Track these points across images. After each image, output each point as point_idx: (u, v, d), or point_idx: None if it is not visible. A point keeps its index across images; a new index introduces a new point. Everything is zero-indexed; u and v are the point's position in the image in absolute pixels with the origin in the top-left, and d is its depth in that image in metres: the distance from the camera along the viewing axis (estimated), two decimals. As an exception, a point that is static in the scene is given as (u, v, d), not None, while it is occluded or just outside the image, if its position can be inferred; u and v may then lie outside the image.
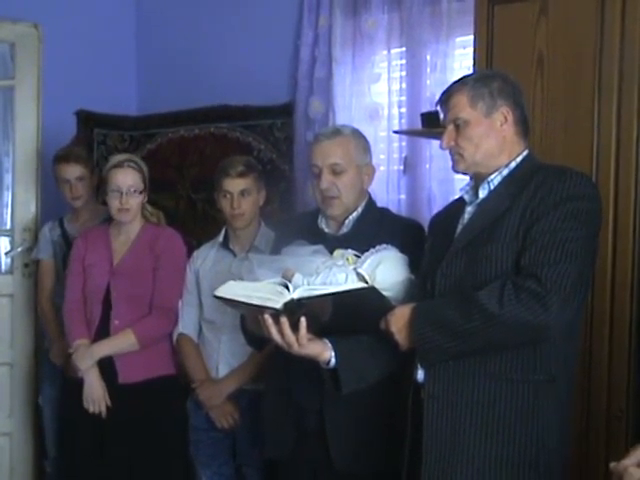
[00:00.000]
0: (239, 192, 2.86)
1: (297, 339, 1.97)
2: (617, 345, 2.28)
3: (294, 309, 1.93)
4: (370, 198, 2.48)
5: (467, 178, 2.12)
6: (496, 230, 1.94)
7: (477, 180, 2.06)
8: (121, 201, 2.94)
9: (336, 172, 2.36)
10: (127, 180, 2.95)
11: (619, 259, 2.27)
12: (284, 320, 1.94)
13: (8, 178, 3.92)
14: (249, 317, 2.15)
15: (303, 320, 1.95)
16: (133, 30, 4.34)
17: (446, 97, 2.07)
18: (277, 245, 2.45)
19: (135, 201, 2.98)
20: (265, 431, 2.53)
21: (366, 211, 2.43)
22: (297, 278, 2.00)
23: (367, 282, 2.08)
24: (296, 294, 1.92)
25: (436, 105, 2.15)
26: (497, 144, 2.02)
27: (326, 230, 2.43)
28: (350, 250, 2.20)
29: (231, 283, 2.07)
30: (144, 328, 2.94)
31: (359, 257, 2.17)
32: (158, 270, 2.98)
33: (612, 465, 1.56)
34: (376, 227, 2.37)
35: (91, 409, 2.91)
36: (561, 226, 1.87)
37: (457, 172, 2.11)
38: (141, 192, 2.99)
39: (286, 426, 2.42)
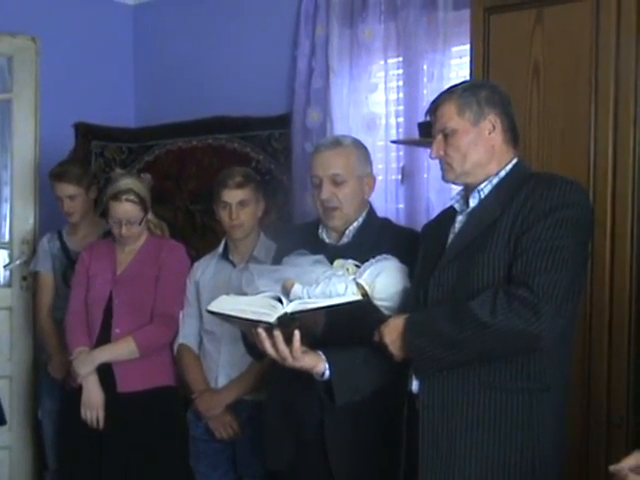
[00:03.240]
0: (237, 203, 2.87)
1: (291, 352, 1.97)
2: (616, 352, 2.28)
3: (288, 323, 1.92)
4: (371, 208, 2.47)
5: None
6: (487, 239, 1.94)
7: (467, 189, 2.06)
8: (121, 231, 2.99)
9: (337, 183, 2.35)
10: (126, 214, 2.98)
11: (617, 266, 2.27)
12: (277, 334, 1.94)
13: (6, 191, 3.93)
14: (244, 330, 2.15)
15: (297, 333, 1.95)
16: (131, 42, 4.35)
17: (434, 107, 2.07)
18: (279, 255, 2.44)
19: (136, 229, 3.02)
20: (265, 442, 2.52)
21: (367, 221, 2.42)
22: (297, 288, 1.99)
23: (367, 292, 2.07)
24: (289, 308, 1.92)
25: (425, 115, 2.16)
26: (486, 153, 2.02)
27: (327, 240, 2.42)
28: (350, 260, 2.20)
29: (224, 297, 2.06)
30: (145, 336, 2.95)
31: (359, 267, 2.17)
32: (160, 279, 3.01)
33: (612, 468, 1.56)
34: (377, 237, 2.36)
35: (89, 416, 2.90)
36: (551, 234, 1.86)
37: (447, 182, 2.11)
38: (141, 221, 3.03)
39: (286, 437, 2.41)
